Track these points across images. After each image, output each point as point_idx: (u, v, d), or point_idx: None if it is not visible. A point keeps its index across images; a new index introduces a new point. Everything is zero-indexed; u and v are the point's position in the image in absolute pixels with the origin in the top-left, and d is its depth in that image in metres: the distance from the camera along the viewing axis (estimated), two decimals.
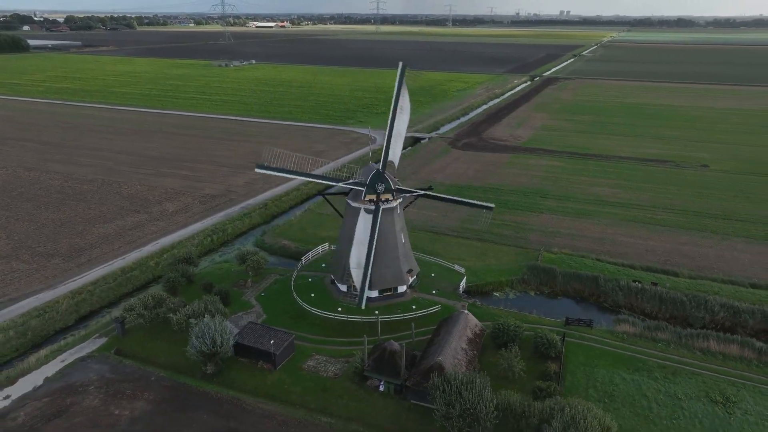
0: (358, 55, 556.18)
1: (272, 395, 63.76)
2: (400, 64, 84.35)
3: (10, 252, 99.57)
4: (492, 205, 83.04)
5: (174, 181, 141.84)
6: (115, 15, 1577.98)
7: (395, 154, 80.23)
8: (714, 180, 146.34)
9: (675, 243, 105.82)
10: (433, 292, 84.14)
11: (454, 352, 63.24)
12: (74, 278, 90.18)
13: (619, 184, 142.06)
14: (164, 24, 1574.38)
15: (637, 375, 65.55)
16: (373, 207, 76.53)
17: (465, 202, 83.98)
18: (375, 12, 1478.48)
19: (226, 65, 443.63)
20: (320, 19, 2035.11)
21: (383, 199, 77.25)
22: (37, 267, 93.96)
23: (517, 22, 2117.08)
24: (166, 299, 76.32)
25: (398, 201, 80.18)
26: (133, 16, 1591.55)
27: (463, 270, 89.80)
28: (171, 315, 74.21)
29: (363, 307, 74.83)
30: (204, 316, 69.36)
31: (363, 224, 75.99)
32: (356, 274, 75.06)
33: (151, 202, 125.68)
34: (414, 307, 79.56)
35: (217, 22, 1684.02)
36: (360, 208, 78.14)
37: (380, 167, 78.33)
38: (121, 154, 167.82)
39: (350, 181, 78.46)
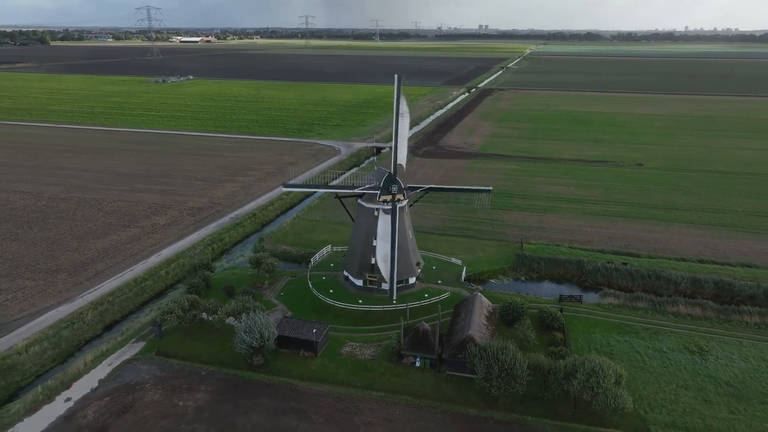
0: (295, 70, 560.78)
1: (320, 378, 70.32)
2: (396, 75, 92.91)
3: (9, 270, 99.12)
4: (490, 188, 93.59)
5: (153, 196, 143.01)
6: (24, 29, 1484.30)
7: (402, 156, 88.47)
8: (650, 176, 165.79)
9: (630, 231, 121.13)
10: (439, 281, 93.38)
11: (478, 327, 72.60)
12: (89, 291, 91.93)
13: (572, 182, 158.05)
14: (79, 39, 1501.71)
15: (627, 337, 77.77)
16: (389, 207, 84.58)
17: (466, 189, 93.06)
18: (302, 26, 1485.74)
19: (163, 81, 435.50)
20: (245, 33, 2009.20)
21: (396, 199, 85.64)
22: (45, 283, 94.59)
23: (440, 36, 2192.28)
24: (200, 302, 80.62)
25: (406, 200, 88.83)
26: (42, 30, 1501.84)
27: (460, 262, 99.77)
28: (205, 315, 79.02)
29: (395, 298, 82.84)
30: (243, 314, 74.83)
31: (383, 223, 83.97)
32: (383, 267, 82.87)
33: (139, 217, 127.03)
34: (426, 295, 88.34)
35: (137, 37, 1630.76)
36: (373, 209, 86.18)
37: (392, 170, 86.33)
38: (87, 172, 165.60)
39: (368, 186, 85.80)
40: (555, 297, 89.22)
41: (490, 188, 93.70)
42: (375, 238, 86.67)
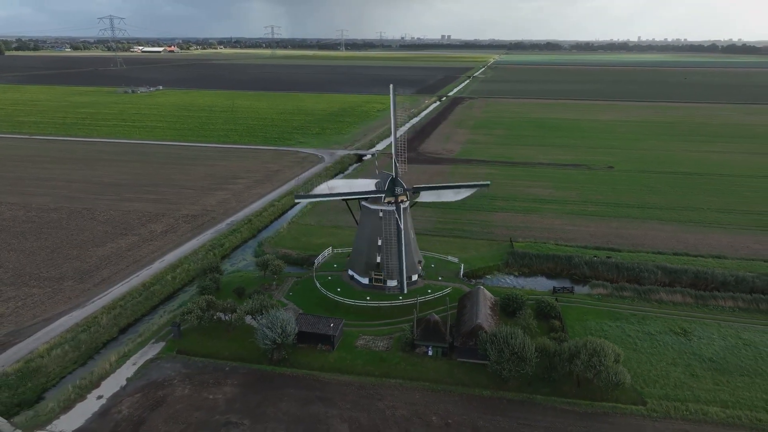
0: (266, 80, 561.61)
1: (339, 369, 74.46)
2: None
3: (13, 279, 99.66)
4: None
5: (145, 204, 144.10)
6: None
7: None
8: (621, 178, 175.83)
9: (608, 228, 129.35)
10: (440, 278, 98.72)
11: (485, 317, 78.11)
12: (99, 296, 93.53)
13: (550, 185, 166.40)
14: (36, 49, 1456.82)
15: (618, 322, 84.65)
16: (393, 208, 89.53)
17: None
18: (266, 36, 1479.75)
19: (133, 91, 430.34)
20: (207, 43, 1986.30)
21: (400, 200, 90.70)
22: (52, 290, 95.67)
23: (404, 46, 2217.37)
24: (216, 302, 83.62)
25: (408, 201, 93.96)
26: None
27: (456, 260, 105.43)
28: (222, 315, 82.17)
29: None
30: (263, 312, 78.45)
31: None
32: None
33: (134, 225, 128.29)
34: (429, 291, 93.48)
35: (96, 47, 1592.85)
36: (378, 210, 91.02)
37: (394, 174, 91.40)
38: (72, 182, 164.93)
39: (376, 190, 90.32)
40: (548, 289, 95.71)
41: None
42: (380, 238, 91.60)
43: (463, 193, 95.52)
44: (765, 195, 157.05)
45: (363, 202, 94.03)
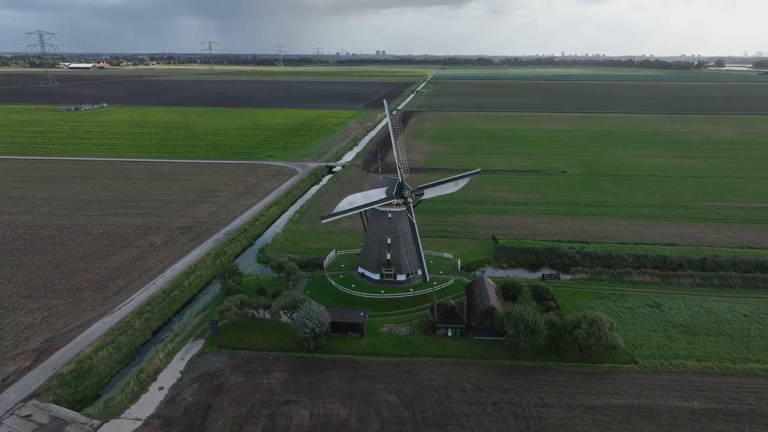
0: (212, 96, 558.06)
1: (372, 352, 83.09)
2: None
3: (29, 292, 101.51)
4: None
5: (134, 219, 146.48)
6: None
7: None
8: (575, 181, 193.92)
9: (575, 224, 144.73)
10: (440, 272, 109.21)
11: (495, 300, 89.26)
12: (123, 303, 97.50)
13: (515, 189, 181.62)
14: None
15: (602, 300, 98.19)
16: (403, 209, 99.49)
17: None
18: (198, 52, 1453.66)
19: (76, 109, 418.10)
20: (138, 59, 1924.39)
21: (407, 201, 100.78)
22: (73, 300, 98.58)
23: (341, 61, 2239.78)
24: (249, 300, 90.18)
25: (412, 201, 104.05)
26: None
27: (451, 256, 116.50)
28: (254, 311, 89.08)
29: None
30: (298, 306, 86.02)
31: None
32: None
33: (132, 238, 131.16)
34: (435, 283, 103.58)
35: (16, 63, 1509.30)
36: (387, 212, 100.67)
37: (399, 178, 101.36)
38: (49, 200, 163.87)
39: (387, 196, 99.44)
40: (537, 277, 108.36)
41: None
42: (389, 237, 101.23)
43: (461, 183, 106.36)
44: (698, 192, 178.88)
45: (375, 207, 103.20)
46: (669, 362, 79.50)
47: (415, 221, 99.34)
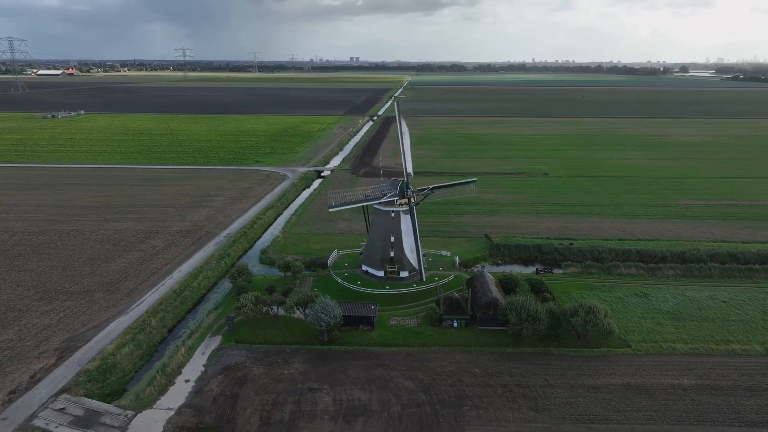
0: (190, 102, 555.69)
1: (384, 343, 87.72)
2: (395, 103, 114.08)
3: (41, 296, 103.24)
4: (474, 179, 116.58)
5: (132, 224, 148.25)
6: None
7: (409, 167, 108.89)
8: (558, 183, 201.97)
9: (560, 223, 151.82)
10: (440, 268, 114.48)
11: (496, 292, 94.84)
12: (136, 304, 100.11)
13: (501, 191, 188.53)
14: None
15: (593, 292, 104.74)
16: (406, 208, 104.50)
17: (458, 183, 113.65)
18: (170, 59, 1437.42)
19: (53, 116, 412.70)
20: (108, 65, 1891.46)
21: (410, 201, 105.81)
22: (86, 302, 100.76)
23: (316, 67, 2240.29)
24: (263, 297, 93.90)
25: (414, 201, 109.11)
26: None
27: (449, 253, 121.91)
28: (269, 308, 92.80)
29: (425, 278, 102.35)
30: (312, 301, 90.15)
31: (404, 222, 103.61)
32: (411, 257, 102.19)
33: (134, 243, 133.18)
34: (436, 278, 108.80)
35: None
36: (390, 211, 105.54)
37: (404, 179, 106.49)
38: (43, 206, 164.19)
39: (390, 195, 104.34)
40: (532, 272, 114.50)
41: (474, 179, 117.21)
42: (392, 236, 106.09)
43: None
44: (673, 191, 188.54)
45: (376, 206, 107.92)
46: (659, 345, 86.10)
47: (416, 221, 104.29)
